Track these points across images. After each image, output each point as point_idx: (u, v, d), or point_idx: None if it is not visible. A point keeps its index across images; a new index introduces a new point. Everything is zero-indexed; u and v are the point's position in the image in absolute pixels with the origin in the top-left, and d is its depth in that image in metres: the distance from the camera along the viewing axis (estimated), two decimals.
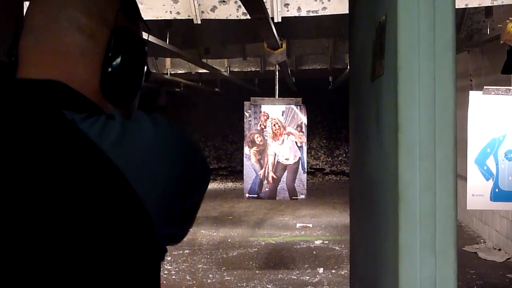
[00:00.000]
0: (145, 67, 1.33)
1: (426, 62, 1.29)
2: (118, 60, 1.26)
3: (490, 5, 6.39)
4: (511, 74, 5.62)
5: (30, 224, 1.08)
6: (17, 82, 1.23)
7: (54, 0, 1.27)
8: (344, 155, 19.36)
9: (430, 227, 1.28)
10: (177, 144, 1.22)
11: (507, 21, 6.47)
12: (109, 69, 1.25)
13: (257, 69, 12.55)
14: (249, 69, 12.78)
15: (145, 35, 1.38)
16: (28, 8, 1.30)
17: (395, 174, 1.30)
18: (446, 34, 1.31)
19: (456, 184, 1.29)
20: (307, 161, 7.76)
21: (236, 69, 12.82)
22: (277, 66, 8.47)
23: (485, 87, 6.37)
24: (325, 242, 10.44)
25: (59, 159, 1.11)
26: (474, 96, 6.35)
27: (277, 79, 8.19)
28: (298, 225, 12.04)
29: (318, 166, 19.84)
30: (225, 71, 12.40)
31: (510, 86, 6.40)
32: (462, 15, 7.74)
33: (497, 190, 6.42)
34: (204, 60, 10.16)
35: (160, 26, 7.59)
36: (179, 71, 12.44)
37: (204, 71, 12.31)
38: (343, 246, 9.83)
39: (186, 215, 1.27)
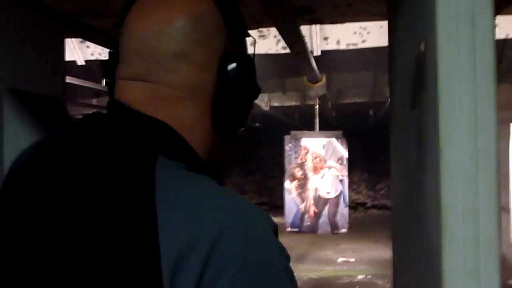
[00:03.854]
0: (256, 85, 1.22)
1: (466, 86, 1.29)
2: (231, 90, 1.15)
3: None
4: None
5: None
6: (124, 109, 1.14)
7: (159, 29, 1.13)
8: (386, 188, 19.24)
9: (473, 253, 1.26)
10: None
11: None
12: (222, 102, 1.15)
13: (297, 103, 12.57)
14: (289, 104, 12.81)
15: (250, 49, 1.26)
16: (125, 30, 1.17)
17: (437, 199, 1.29)
18: (486, 58, 1.30)
19: (499, 209, 1.27)
20: (348, 195, 7.72)
21: (276, 104, 12.86)
22: (317, 99, 8.48)
23: None
24: (368, 276, 10.34)
25: (115, 211, 1.01)
26: None
27: (317, 113, 8.21)
28: (340, 259, 11.95)
29: (359, 201, 19.75)
30: (265, 106, 12.44)
31: None
32: (503, 46, 7.69)
33: None
34: None
35: None
36: None
37: None
38: (386, 280, 9.72)
39: None
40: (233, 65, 1.15)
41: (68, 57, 5.85)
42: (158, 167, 1.04)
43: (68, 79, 5.59)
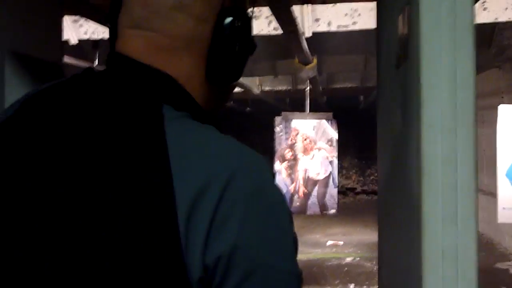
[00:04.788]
0: (252, 42, 1.24)
1: (446, 43, 1.36)
2: (227, 45, 1.18)
3: None
4: None
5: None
6: (124, 59, 1.17)
7: None
8: (376, 174, 19.32)
9: (452, 199, 1.33)
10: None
11: None
12: (217, 56, 1.18)
13: (289, 88, 12.61)
14: (280, 88, 12.84)
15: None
16: None
17: (418, 149, 1.36)
18: (465, 18, 1.37)
19: (476, 159, 1.35)
20: (338, 180, 7.78)
21: (267, 88, 12.90)
22: (308, 83, 8.53)
23: None
24: (356, 259, 10.44)
25: (124, 159, 1.04)
26: (504, 110, 6.36)
27: (308, 95, 8.26)
28: (329, 242, 12.04)
29: (349, 186, 19.82)
30: (256, 90, 12.46)
31: None
32: (492, 30, 7.75)
33: None
34: None
35: None
36: None
37: (236, 90, 12.41)
38: (374, 263, 9.81)
39: None
40: (230, 19, 1.18)
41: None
42: (166, 117, 1.08)
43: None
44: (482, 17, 6.21)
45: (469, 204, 1.34)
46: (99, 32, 6.75)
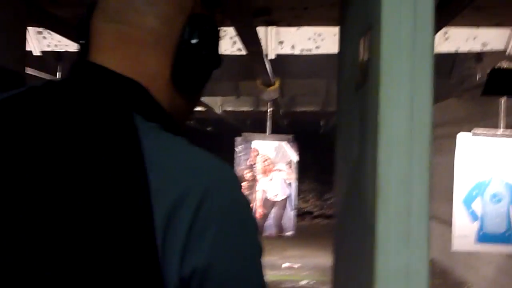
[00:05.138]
0: (218, 53, 1.28)
1: (407, 66, 1.39)
2: (194, 48, 1.21)
3: (480, 51, 6.52)
4: (491, 95, 5.64)
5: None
6: (91, 66, 1.20)
7: None
8: (334, 198, 19.42)
9: (405, 221, 1.36)
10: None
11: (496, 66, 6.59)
12: (183, 58, 1.21)
13: (250, 109, 12.65)
14: (242, 109, 12.88)
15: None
16: None
17: (373, 171, 1.38)
18: (425, 44, 1.40)
19: (431, 176, 1.37)
20: (296, 203, 7.80)
21: (229, 108, 12.92)
22: (270, 105, 8.56)
23: (474, 128, 6.46)
24: (311, 282, 10.46)
25: (103, 164, 1.05)
26: (462, 137, 6.43)
27: (269, 117, 8.29)
28: (285, 264, 12.05)
29: (307, 209, 19.88)
30: (218, 109, 12.49)
31: (497, 129, 6.50)
32: (454, 60, 7.88)
33: (481, 232, 6.48)
34: None
35: None
36: None
37: (197, 109, 12.39)
38: (328, 287, 9.82)
39: None
40: (199, 25, 1.22)
41: None
42: (140, 128, 1.10)
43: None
44: (444, 46, 6.31)
45: (421, 227, 1.36)
46: (63, 44, 6.70)
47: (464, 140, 6.44)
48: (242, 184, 6.76)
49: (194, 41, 1.21)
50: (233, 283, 1.06)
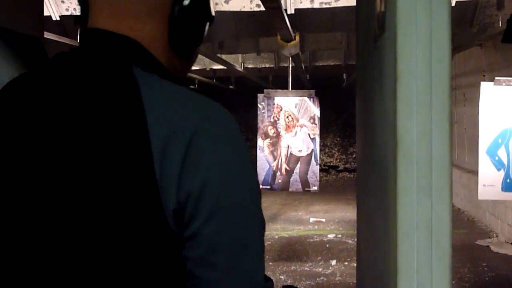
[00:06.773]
0: (210, 12, 1.35)
1: (423, 15, 1.37)
2: (187, 13, 1.28)
3: None
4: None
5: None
6: (92, 31, 1.27)
7: None
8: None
9: (426, 171, 1.36)
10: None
11: None
12: (178, 23, 1.27)
13: (271, 65, 12.61)
14: (263, 65, 12.84)
15: None
16: None
17: (393, 123, 1.38)
18: None
19: (452, 133, 1.37)
20: (320, 158, 7.81)
21: (250, 66, 12.89)
22: (290, 60, 8.53)
23: (496, 78, 6.41)
24: (338, 236, 10.50)
25: (104, 119, 1.14)
26: (486, 87, 6.39)
27: (290, 72, 8.27)
28: (311, 219, 12.10)
29: (332, 164, 19.89)
30: (239, 67, 12.45)
31: None
32: (474, 9, 7.77)
33: (508, 180, 6.46)
34: (218, 55, 10.22)
35: None
36: (194, 68, 12.48)
37: (219, 67, 12.38)
38: (355, 240, 9.84)
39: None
40: None
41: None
42: (138, 76, 1.19)
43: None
44: None
45: (443, 177, 1.36)
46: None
47: (487, 90, 6.40)
48: (267, 140, 6.78)
49: (186, 2, 1.28)
50: (227, 207, 1.12)
